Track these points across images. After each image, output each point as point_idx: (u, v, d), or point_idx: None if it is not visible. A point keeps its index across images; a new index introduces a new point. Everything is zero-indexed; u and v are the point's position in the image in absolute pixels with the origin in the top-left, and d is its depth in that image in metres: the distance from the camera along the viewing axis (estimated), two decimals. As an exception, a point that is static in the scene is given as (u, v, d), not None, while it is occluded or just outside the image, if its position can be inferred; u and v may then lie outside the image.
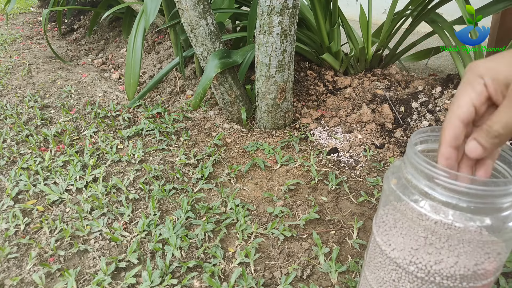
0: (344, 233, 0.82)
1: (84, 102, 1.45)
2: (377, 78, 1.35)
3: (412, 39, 1.48)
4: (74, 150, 1.11)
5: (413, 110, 1.17)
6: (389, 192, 0.43)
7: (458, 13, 1.09)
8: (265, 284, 0.70)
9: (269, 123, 1.19)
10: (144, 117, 1.29)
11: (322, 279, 0.71)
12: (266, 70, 1.07)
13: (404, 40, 1.41)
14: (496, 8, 1.15)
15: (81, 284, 0.71)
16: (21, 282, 0.72)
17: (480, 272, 0.39)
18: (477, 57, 1.09)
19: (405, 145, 1.09)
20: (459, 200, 0.36)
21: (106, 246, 0.79)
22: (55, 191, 0.94)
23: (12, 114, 1.34)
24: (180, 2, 1.05)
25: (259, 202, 0.92)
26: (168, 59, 1.71)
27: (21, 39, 2.46)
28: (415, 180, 0.39)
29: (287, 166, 1.04)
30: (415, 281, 0.42)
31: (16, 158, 1.10)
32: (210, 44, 1.12)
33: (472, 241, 0.38)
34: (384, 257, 0.45)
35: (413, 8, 1.31)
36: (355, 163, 1.04)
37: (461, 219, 0.36)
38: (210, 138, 1.19)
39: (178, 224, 0.82)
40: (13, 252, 0.78)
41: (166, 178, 1.00)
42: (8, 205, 0.91)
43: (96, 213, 0.88)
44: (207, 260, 0.75)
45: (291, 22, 0.99)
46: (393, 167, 0.45)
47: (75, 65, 1.95)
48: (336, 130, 1.18)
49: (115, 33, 2.30)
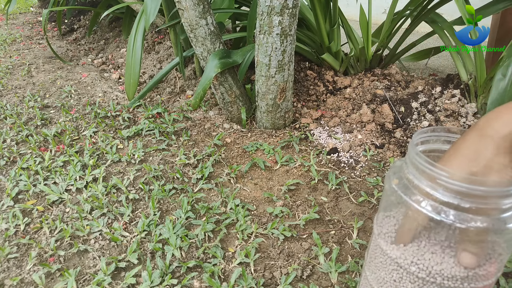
0: (344, 233, 0.82)
1: (84, 102, 1.45)
2: (377, 78, 1.35)
3: (412, 39, 1.48)
4: (74, 150, 1.11)
5: (413, 110, 1.16)
6: (390, 192, 0.43)
7: (458, 13, 1.09)
8: (265, 284, 0.70)
9: (269, 123, 1.18)
10: (144, 117, 1.29)
11: (322, 279, 0.71)
12: (266, 70, 1.07)
13: (404, 40, 1.41)
14: (496, 8, 1.15)
15: (81, 284, 0.71)
16: (21, 282, 0.72)
17: (481, 273, 0.39)
18: (477, 57, 1.09)
19: (405, 145, 1.09)
20: (461, 200, 0.36)
21: (106, 246, 0.79)
22: (55, 191, 0.94)
23: (12, 114, 1.34)
24: (180, 2, 1.05)
25: (259, 202, 0.92)
26: (168, 59, 1.71)
27: (21, 39, 2.46)
28: (417, 180, 0.39)
29: (287, 166, 1.04)
30: (416, 281, 0.42)
31: (16, 158, 1.10)
32: (210, 44, 1.12)
33: (473, 241, 0.38)
34: (385, 257, 0.45)
35: (413, 8, 1.31)
36: (355, 163, 1.04)
37: (463, 220, 0.36)
38: (210, 138, 1.19)
39: (178, 224, 0.82)
40: (13, 252, 0.78)
41: (166, 178, 1.00)
42: (8, 205, 0.91)
43: (96, 213, 0.88)
44: (207, 260, 0.75)
45: (291, 22, 0.99)
46: (395, 167, 0.45)
47: (75, 65, 1.95)
48: (336, 130, 1.18)
49: (115, 33, 2.30)
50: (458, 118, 1.11)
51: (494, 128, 0.36)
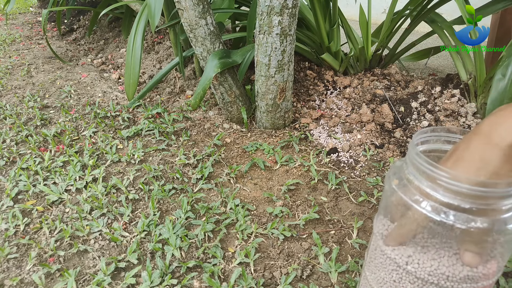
0: (344, 233, 0.82)
1: (83, 102, 1.45)
2: (376, 78, 1.35)
3: (411, 39, 1.48)
4: (74, 150, 1.11)
5: (413, 110, 1.17)
6: (390, 193, 0.43)
7: (458, 13, 1.09)
8: (265, 284, 0.70)
9: (269, 123, 1.18)
10: (143, 117, 1.29)
11: (322, 279, 0.71)
12: (266, 70, 1.07)
13: (404, 40, 1.41)
14: (496, 8, 1.15)
15: (81, 284, 0.71)
16: (21, 282, 0.72)
17: (481, 273, 0.39)
18: (477, 57, 1.09)
19: (405, 145, 1.09)
20: (461, 201, 0.36)
21: (105, 246, 0.79)
22: (55, 191, 0.94)
23: (11, 114, 1.34)
24: (179, 2, 1.05)
25: (259, 202, 0.92)
26: (168, 59, 1.71)
27: (21, 39, 2.46)
28: (417, 181, 0.39)
29: (286, 166, 1.04)
30: (416, 281, 0.42)
31: (16, 159, 1.10)
32: (209, 44, 1.12)
33: (473, 242, 0.38)
34: (385, 257, 0.45)
35: (412, 8, 1.31)
36: (355, 163, 1.04)
37: (463, 220, 0.36)
38: (209, 138, 1.19)
39: (178, 224, 0.82)
40: (13, 253, 0.78)
41: (166, 178, 1.00)
42: (7, 206, 0.91)
43: (95, 213, 0.88)
44: (207, 260, 0.75)
45: (290, 22, 0.99)
46: (394, 167, 0.45)
47: (74, 65, 1.95)
48: (335, 130, 1.18)
49: (114, 33, 2.29)
50: (458, 118, 1.11)
51: (501, 135, 0.36)
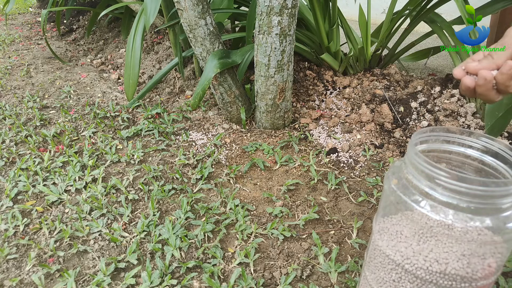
0: (344, 233, 0.82)
1: (83, 103, 1.45)
2: (376, 78, 1.35)
3: (411, 39, 1.48)
4: (73, 150, 1.11)
5: (412, 110, 1.17)
6: (390, 192, 0.43)
7: (457, 13, 1.09)
8: (264, 284, 0.70)
9: (269, 123, 1.18)
10: (143, 118, 1.29)
11: (321, 279, 0.71)
12: (265, 70, 1.07)
13: (403, 40, 1.41)
14: (495, 7, 1.15)
15: (80, 284, 0.71)
16: (21, 283, 0.72)
17: (480, 272, 0.39)
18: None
19: (405, 145, 1.09)
20: (460, 200, 0.36)
21: (105, 247, 0.79)
22: (54, 191, 0.94)
23: (11, 114, 1.34)
24: (179, 3, 1.05)
25: (258, 202, 0.92)
26: (167, 59, 1.71)
27: (20, 40, 2.46)
28: (416, 181, 0.39)
29: (286, 166, 1.04)
30: (415, 281, 0.42)
31: (15, 159, 1.10)
32: (209, 44, 1.12)
33: (472, 241, 0.38)
34: (384, 257, 0.45)
35: (412, 8, 1.31)
36: (355, 163, 1.04)
37: (462, 220, 0.36)
38: (209, 138, 1.19)
39: (177, 225, 0.82)
40: (13, 253, 0.78)
41: (166, 178, 1.00)
42: (7, 206, 0.91)
43: (95, 214, 0.88)
44: (206, 261, 0.75)
45: (290, 22, 0.99)
46: (394, 167, 0.45)
47: (74, 65, 1.95)
48: (335, 130, 1.18)
49: (114, 33, 2.29)
50: (457, 118, 1.11)
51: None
